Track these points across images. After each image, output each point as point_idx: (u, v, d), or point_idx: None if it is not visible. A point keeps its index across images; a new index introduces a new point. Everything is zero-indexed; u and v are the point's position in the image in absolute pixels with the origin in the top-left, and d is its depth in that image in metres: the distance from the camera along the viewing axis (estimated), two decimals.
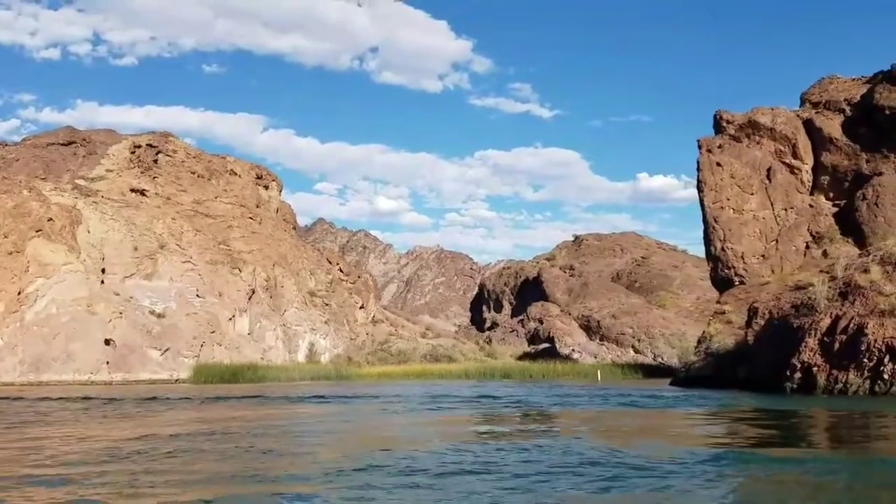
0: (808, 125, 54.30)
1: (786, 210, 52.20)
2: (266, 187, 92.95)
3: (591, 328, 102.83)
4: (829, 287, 25.83)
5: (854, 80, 58.27)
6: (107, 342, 53.70)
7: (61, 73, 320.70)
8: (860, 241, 49.61)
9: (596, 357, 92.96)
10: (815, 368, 24.84)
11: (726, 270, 50.84)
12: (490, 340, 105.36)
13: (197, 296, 62.57)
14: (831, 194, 53.09)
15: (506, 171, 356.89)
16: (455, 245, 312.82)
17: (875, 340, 23.06)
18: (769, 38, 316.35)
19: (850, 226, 50.34)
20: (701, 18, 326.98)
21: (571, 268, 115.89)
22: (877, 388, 22.71)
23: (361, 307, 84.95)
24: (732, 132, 55.48)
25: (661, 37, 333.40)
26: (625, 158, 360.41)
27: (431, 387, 39.71)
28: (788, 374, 25.71)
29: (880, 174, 50.16)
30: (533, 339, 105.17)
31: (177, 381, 52.82)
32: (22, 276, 53.98)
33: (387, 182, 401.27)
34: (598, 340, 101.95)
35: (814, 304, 25.88)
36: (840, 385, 23.86)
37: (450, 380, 52.80)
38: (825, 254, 50.28)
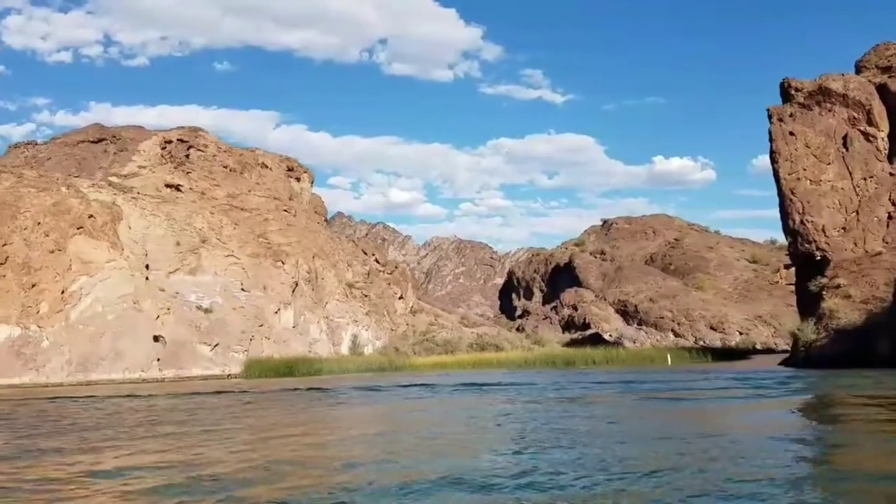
0: (882, 90, 50.51)
1: (865, 179, 48.44)
2: (298, 179, 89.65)
3: (628, 313, 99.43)
4: None
5: None
6: (156, 339, 50.40)
7: (74, 75, 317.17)
8: None
9: (635, 342, 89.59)
10: None
11: (807, 245, 47.16)
12: (522, 328, 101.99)
13: (242, 289, 59.22)
14: None
15: (519, 158, 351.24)
16: (471, 235, 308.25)
17: None
18: (784, 11, 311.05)
19: None
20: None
21: (602, 252, 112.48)
22: None
23: (400, 298, 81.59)
24: (802, 100, 51.71)
25: (673, 19, 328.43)
26: (640, 142, 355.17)
27: (514, 375, 36.42)
28: None
29: None
30: (567, 325, 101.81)
31: (229, 376, 49.56)
32: (65, 274, 50.68)
33: (400, 174, 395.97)
34: (636, 325, 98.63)
35: None
36: None
37: (510, 368, 49.41)
38: None
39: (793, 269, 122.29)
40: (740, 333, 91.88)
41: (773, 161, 49.99)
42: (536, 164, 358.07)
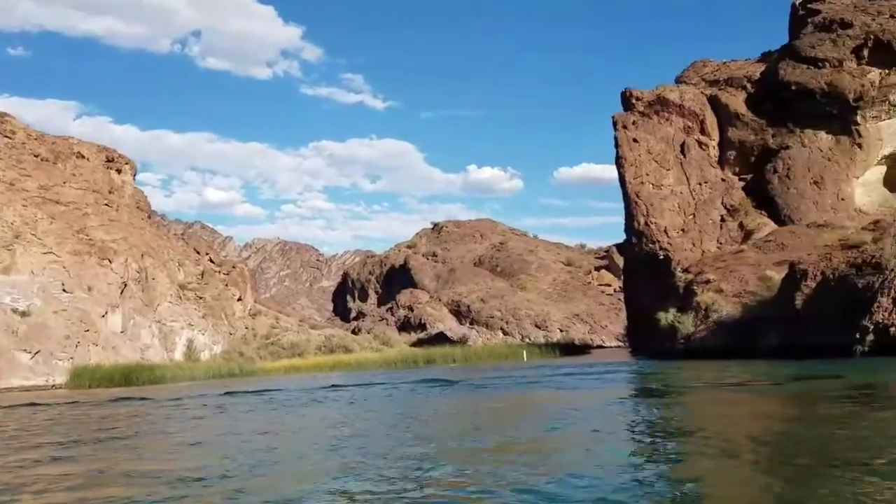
0: (714, 101, 53.34)
1: (700, 184, 50.75)
2: (118, 171, 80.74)
3: (461, 312, 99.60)
4: (893, 244, 22.96)
5: (746, 60, 58.35)
6: None
7: None
8: (774, 213, 49.12)
9: (468, 341, 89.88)
10: (892, 328, 21.81)
11: (651, 245, 48.51)
12: (359, 330, 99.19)
13: (64, 290, 51.56)
14: (737, 169, 52.39)
15: (342, 161, 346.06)
16: (293, 237, 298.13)
17: None
18: (586, 38, 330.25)
19: (762, 198, 49.71)
20: (525, 12, 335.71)
21: (434, 254, 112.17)
22: None
23: (239, 299, 75.69)
24: (642, 109, 53.43)
25: (487, 30, 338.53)
26: (456, 150, 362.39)
27: (394, 375, 33.75)
28: (858, 336, 22.56)
29: (787, 148, 49.89)
30: (404, 326, 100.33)
31: (53, 386, 42.64)
32: None
33: (216, 172, 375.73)
34: (468, 324, 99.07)
35: (879, 262, 22.99)
36: None
37: (371, 369, 46.61)
38: (741, 226, 49.39)
39: (602, 270, 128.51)
40: (561, 331, 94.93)
41: (619, 166, 51.09)
42: (359, 167, 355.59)
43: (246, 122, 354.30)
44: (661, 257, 47.58)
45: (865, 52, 48.08)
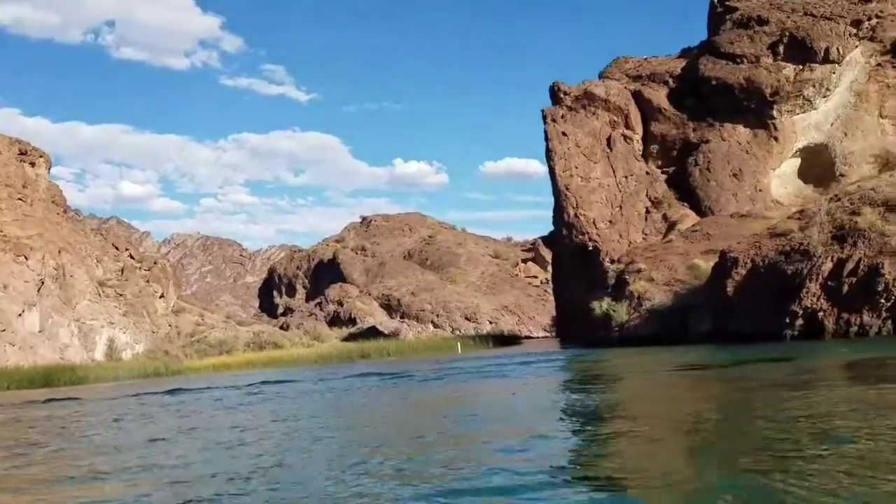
0: (637, 96, 54.52)
1: (626, 177, 51.84)
2: (32, 164, 76.85)
3: (391, 306, 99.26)
4: (820, 232, 23.89)
5: (667, 57, 59.87)
6: None
7: None
8: (695, 204, 50.61)
9: (399, 334, 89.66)
10: (820, 313, 22.71)
11: (581, 236, 49.27)
12: (287, 326, 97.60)
13: None
14: (660, 162, 53.73)
15: (264, 154, 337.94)
16: (214, 232, 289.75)
17: (894, 280, 21.27)
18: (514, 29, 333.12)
19: (685, 190, 51.15)
20: (448, 5, 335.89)
21: (363, 249, 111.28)
22: None
23: (161, 296, 73.12)
24: (569, 103, 54.16)
25: (410, 23, 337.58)
26: (381, 144, 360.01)
27: (334, 370, 33.16)
28: (788, 321, 23.42)
29: (707, 142, 51.45)
30: (333, 321, 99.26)
31: None
32: None
33: (132, 166, 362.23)
34: (398, 318, 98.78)
35: (807, 249, 23.87)
36: (854, 328, 21.86)
37: (306, 365, 45.75)
38: (665, 217, 50.70)
39: (529, 262, 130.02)
40: (490, 322, 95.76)
41: (549, 159, 51.67)
42: (282, 160, 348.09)
43: (163, 114, 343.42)
44: (591, 248, 48.40)
45: (781, 49, 49.99)
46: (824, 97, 50.23)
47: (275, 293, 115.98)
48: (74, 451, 10.99)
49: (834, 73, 49.40)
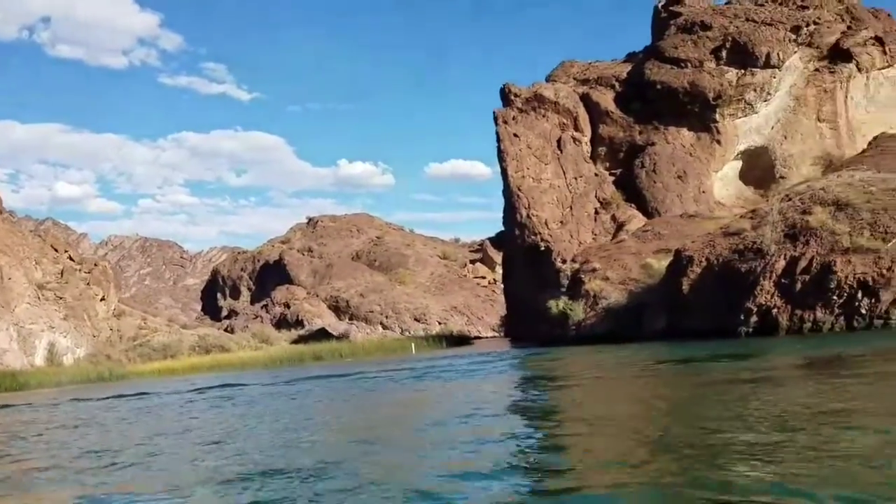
0: (586, 99, 55.22)
1: (576, 179, 52.40)
2: None
3: (339, 308, 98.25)
4: (773, 230, 24.49)
5: (613, 61, 60.82)
6: None
7: None
8: (642, 205, 51.51)
9: (348, 336, 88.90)
10: (775, 310, 23.30)
11: (533, 237, 49.59)
12: (232, 329, 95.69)
13: None
14: (608, 164, 54.53)
15: (205, 154, 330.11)
16: (153, 233, 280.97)
17: (846, 277, 21.96)
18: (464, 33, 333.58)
19: (632, 192, 52.02)
20: (397, 8, 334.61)
21: (310, 250, 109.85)
22: (855, 324, 21.59)
23: (102, 299, 70.76)
24: (520, 105, 54.52)
25: (352, 23, 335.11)
26: (326, 145, 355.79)
27: (290, 372, 32.47)
28: (743, 318, 23.95)
29: (653, 144, 52.43)
30: (280, 323, 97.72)
31: None
32: None
33: (68, 166, 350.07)
34: (347, 320, 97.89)
35: (760, 247, 24.44)
36: (808, 324, 22.49)
37: (257, 368, 44.80)
38: (614, 218, 51.44)
39: (477, 263, 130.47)
40: (440, 323, 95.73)
41: (501, 160, 51.89)
42: (224, 160, 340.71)
43: (100, 113, 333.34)
44: (543, 248, 48.74)
45: (724, 54, 51.30)
46: (765, 101, 51.74)
47: (218, 295, 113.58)
48: (31, 459, 10.40)
49: (774, 77, 50.94)
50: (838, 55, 51.49)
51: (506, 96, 55.08)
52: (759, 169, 53.13)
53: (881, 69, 51.34)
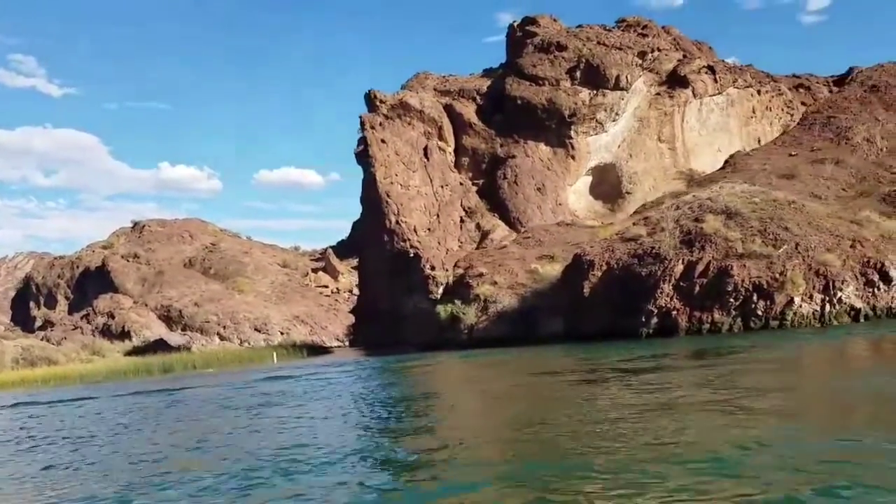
0: (449, 110, 55.78)
1: (442, 187, 52.69)
2: None
3: (171, 318, 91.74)
4: (670, 236, 25.76)
5: (471, 75, 61.96)
6: None
7: None
8: (505, 215, 52.82)
9: (180, 348, 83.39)
10: (674, 312, 24.51)
11: (402, 243, 49.05)
12: (48, 339, 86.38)
13: None
14: (472, 174, 55.39)
15: (10, 152, 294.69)
16: None
17: (742, 281, 23.57)
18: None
19: (495, 202, 53.16)
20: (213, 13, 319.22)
21: (136, 256, 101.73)
22: (752, 325, 23.20)
23: None
24: (386, 112, 53.95)
25: (178, 23, 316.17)
26: (145, 146, 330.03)
27: (150, 384, 29.42)
28: (644, 319, 24.98)
29: (514, 157, 53.98)
30: (104, 334, 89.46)
31: None
32: None
33: None
34: (179, 330, 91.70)
35: (658, 252, 25.59)
36: (706, 325, 23.87)
37: (97, 382, 40.31)
38: (478, 226, 52.29)
39: (321, 272, 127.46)
40: (282, 333, 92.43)
41: (370, 166, 50.88)
42: (32, 159, 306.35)
43: None
44: (412, 255, 48.37)
45: (578, 74, 53.95)
46: (613, 121, 55.01)
47: (31, 304, 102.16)
48: None
49: (623, 99, 54.32)
50: (676, 81, 55.92)
51: (371, 102, 54.28)
52: (607, 184, 56.30)
53: (712, 96, 56.38)
